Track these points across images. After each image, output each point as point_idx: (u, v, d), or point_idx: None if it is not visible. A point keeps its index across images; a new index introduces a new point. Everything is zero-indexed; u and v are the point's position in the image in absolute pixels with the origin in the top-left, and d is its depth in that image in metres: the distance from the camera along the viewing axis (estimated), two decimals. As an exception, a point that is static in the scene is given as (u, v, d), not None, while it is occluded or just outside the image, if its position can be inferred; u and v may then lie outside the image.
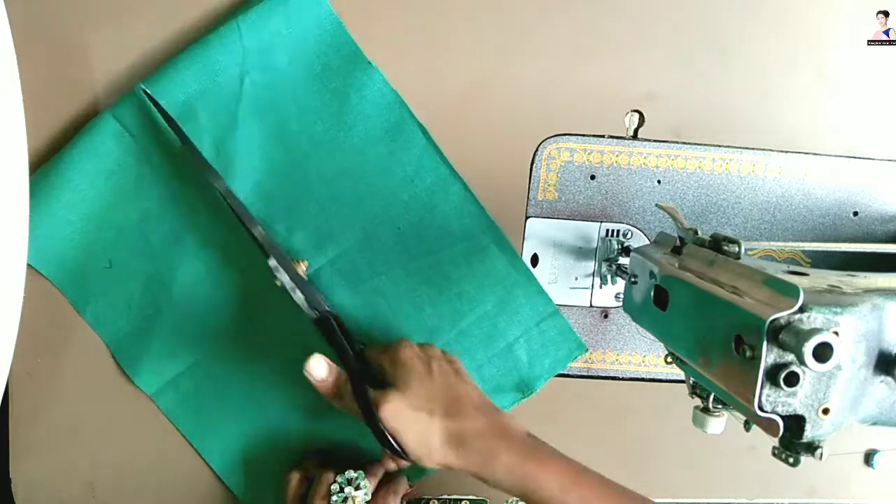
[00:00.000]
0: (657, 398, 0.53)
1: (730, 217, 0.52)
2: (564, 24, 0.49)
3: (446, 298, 0.49)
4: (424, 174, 0.48)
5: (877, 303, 0.30)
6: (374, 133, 0.48)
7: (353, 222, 0.48)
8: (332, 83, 0.47)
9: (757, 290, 0.30)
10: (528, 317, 0.50)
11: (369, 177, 0.48)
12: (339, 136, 0.47)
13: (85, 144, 0.45)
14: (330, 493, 0.44)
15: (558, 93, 0.50)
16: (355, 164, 0.48)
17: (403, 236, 0.48)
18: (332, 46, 0.47)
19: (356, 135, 0.47)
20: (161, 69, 0.45)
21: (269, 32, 0.45)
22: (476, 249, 0.49)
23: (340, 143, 0.47)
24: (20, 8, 0.42)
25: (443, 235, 0.49)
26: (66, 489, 0.50)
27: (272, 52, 0.46)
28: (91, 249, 0.47)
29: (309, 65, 0.47)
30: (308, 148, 0.47)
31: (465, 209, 0.49)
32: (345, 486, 0.44)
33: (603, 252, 0.51)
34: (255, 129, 0.46)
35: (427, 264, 0.49)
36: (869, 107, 0.52)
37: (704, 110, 0.51)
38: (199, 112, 0.45)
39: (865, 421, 0.32)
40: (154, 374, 0.48)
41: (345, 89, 0.47)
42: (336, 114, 0.47)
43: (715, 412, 0.38)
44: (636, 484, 0.55)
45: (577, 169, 0.50)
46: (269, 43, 0.45)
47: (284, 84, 0.46)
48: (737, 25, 0.50)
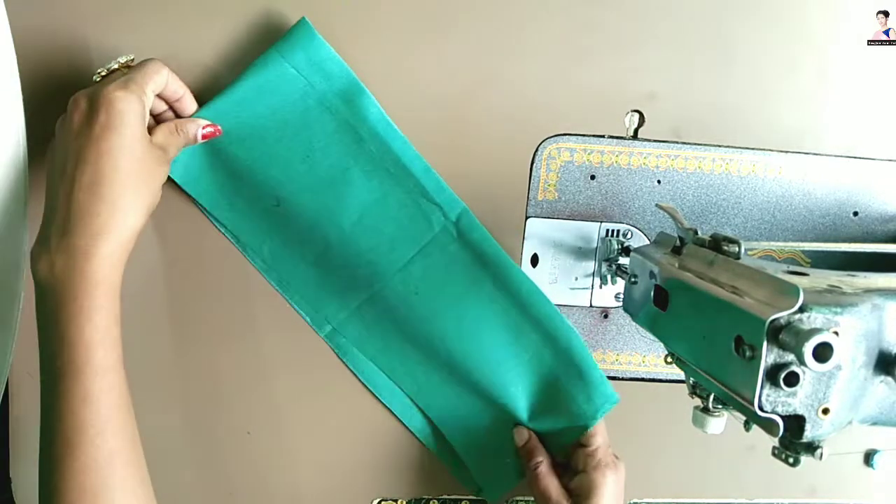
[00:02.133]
0: (657, 398, 0.53)
1: (730, 217, 0.52)
2: (564, 23, 0.49)
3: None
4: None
5: (877, 303, 0.30)
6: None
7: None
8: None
9: (757, 290, 0.30)
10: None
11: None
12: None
13: (252, 82, 0.45)
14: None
15: (558, 93, 0.50)
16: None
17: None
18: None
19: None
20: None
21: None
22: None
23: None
24: (20, 8, 0.42)
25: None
26: (66, 489, 0.50)
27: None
28: (260, 188, 0.47)
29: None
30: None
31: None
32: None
33: (603, 252, 0.51)
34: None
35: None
36: (869, 107, 0.52)
37: (704, 110, 0.51)
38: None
39: (865, 421, 0.32)
40: (338, 307, 0.49)
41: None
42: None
43: (715, 412, 0.38)
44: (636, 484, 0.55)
45: (577, 169, 0.50)
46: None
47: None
48: (737, 25, 0.50)
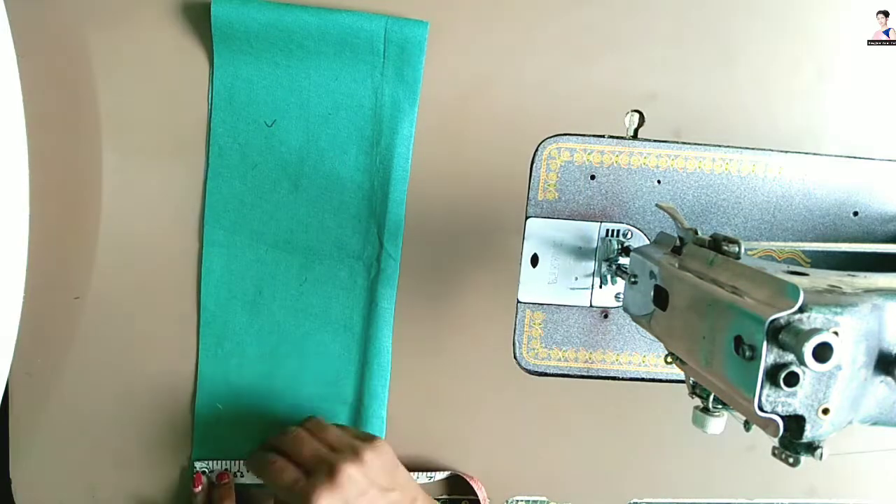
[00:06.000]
0: (657, 398, 0.53)
1: (730, 217, 0.52)
2: (564, 24, 0.49)
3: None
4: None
5: (877, 303, 0.30)
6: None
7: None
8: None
9: (757, 290, 0.30)
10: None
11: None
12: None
13: (343, 25, 0.45)
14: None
15: (558, 93, 0.50)
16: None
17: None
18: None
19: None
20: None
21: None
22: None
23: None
24: (20, 8, 0.42)
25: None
26: (66, 489, 0.50)
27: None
28: (270, 100, 0.47)
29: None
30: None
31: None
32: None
33: (603, 252, 0.51)
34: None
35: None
36: (869, 107, 0.52)
37: (704, 110, 0.51)
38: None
39: (865, 421, 0.32)
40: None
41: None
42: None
43: (715, 412, 0.38)
44: (636, 484, 0.55)
45: (577, 169, 0.50)
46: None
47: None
48: (737, 25, 0.50)
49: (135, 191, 0.48)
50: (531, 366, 0.52)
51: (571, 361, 0.53)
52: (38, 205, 0.41)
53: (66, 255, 0.48)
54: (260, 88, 0.47)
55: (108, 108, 0.47)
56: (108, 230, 0.48)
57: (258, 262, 0.49)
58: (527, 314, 0.52)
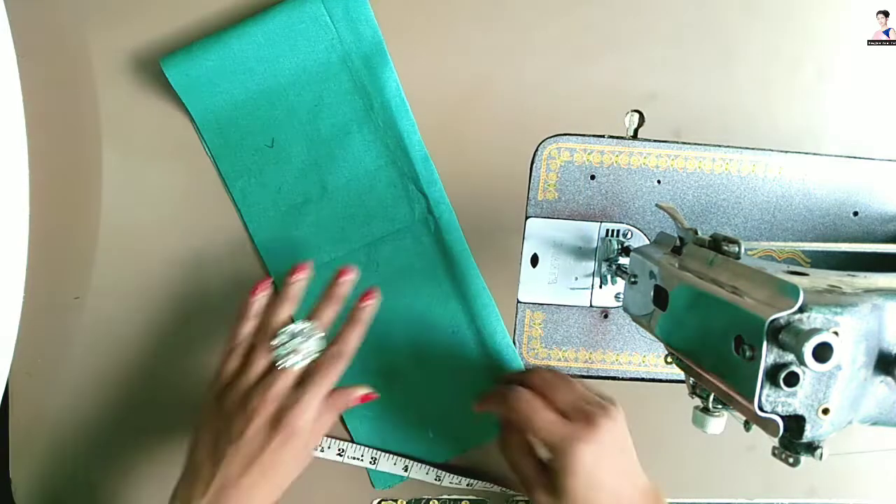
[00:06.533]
0: (657, 398, 0.53)
1: (730, 217, 0.52)
2: (564, 23, 0.49)
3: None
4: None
5: (877, 303, 0.30)
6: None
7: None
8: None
9: (757, 290, 0.30)
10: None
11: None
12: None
13: (286, 16, 0.45)
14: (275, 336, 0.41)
15: (558, 93, 0.50)
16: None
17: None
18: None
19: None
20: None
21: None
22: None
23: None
24: (20, 8, 0.42)
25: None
26: (66, 489, 0.50)
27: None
28: (258, 123, 0.47)
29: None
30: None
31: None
32: (294, 335, 0.41)
33: (603, 252, 0.51)
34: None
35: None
36: (869, 107, 0.52)
37: (704, 110, 0.51)
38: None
39: (865, 421, 0.32)
40: (284, 262, 0.48)
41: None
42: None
43: (715, 412, 0.38)
44: (636, 484, 0.55)
45: (577, 169, 0.50)
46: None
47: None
48: (737, 25, 0.50)
49: (135, 191, 0.48)
50: (531, 366, 0.52)
51: (571, 361, 0.53)
52: (38, 205, 0.41)
53: (65, 255, 0.48)
54: (244, 117, 0.47)
55: (107, 108, 0.47)
56: (107, 230, 0.48)
57: (328, 268, 0.47)
58: (527, 314, 0.52)
